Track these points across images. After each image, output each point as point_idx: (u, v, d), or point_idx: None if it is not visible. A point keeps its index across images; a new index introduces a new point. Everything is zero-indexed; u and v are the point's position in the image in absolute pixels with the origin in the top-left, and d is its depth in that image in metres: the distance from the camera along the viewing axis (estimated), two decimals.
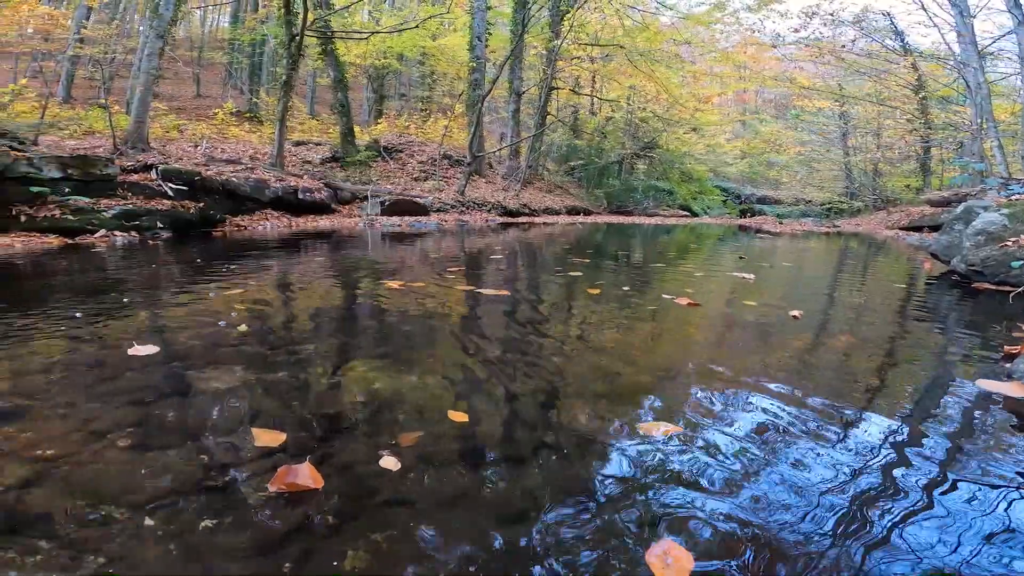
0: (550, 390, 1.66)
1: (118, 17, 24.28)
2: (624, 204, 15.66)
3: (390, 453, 1.20)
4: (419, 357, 1.96)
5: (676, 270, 4.72)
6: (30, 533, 0.92)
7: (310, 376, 1.73)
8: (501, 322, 2.55)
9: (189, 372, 1.70)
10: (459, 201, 10.12)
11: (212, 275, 3.57)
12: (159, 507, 0.99)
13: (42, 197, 5.01)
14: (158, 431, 1.30)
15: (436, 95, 23.41)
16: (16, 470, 1.08)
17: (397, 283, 3.34)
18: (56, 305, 2.55)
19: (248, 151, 12.13)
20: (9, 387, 1.52)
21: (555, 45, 13.62)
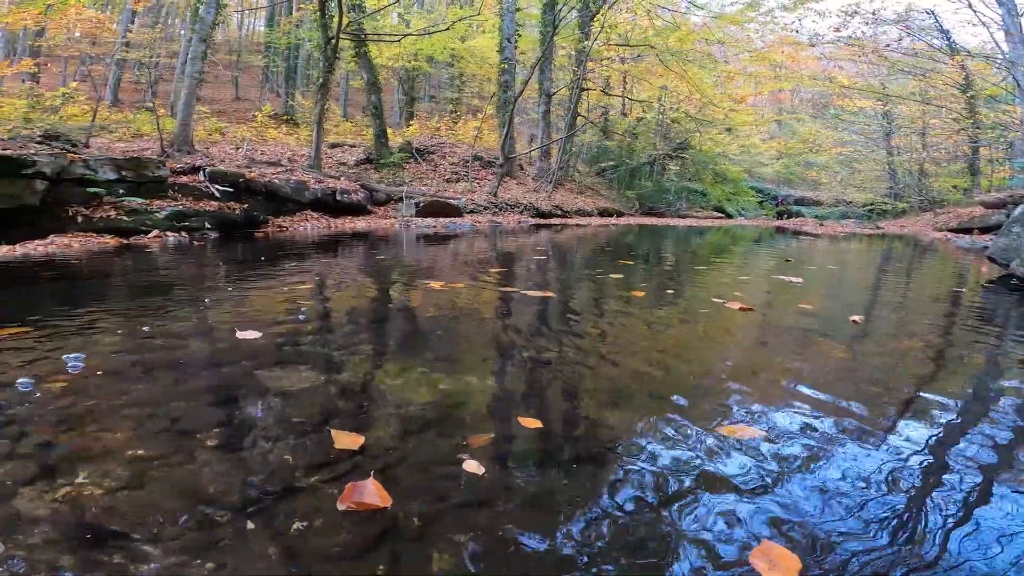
0: (615, 391, 1.64)
1: (161, 21, 25.18)
2: (656, 206, 15.46)
3: (471, 457, 1.21)
4: (476, 359, 1.98)
5: (719, 273, 4.64)
6: (139, 538, 0.93)
7: (375, 376, 1.75)
8: (550, 324, 2.55)
9: (259, 372, 1.74)
10: (491, 202, 10.15)
11: (266, 274, 3.66)
12: (257, 510, 1.01)
13: (98, 198, 5.22)
14: (241, 430, 1.34)
15: (465, 96, 23.58)
16: (118, 471, 1.12)
17: (438, 284, 3.37)
18: (147, 303, 2.65)
19: (286, 153, 12.42)
20: (97, 389, 1.58)
21: (585, 46, 13.55)
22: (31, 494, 1.02)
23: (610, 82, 18.87)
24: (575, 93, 14.06)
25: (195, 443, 1.25)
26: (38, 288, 3.08)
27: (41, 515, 0.96)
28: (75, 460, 1.15)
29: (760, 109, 25.99)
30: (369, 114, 14.37)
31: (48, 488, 1.04)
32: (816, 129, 23.02)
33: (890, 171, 17.44)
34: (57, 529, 0.93)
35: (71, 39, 19.82)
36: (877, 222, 15.00)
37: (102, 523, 0.95)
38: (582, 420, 1.46)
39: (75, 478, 1.08)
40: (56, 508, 0.98)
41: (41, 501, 1.00)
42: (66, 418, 1.33)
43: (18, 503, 0.99)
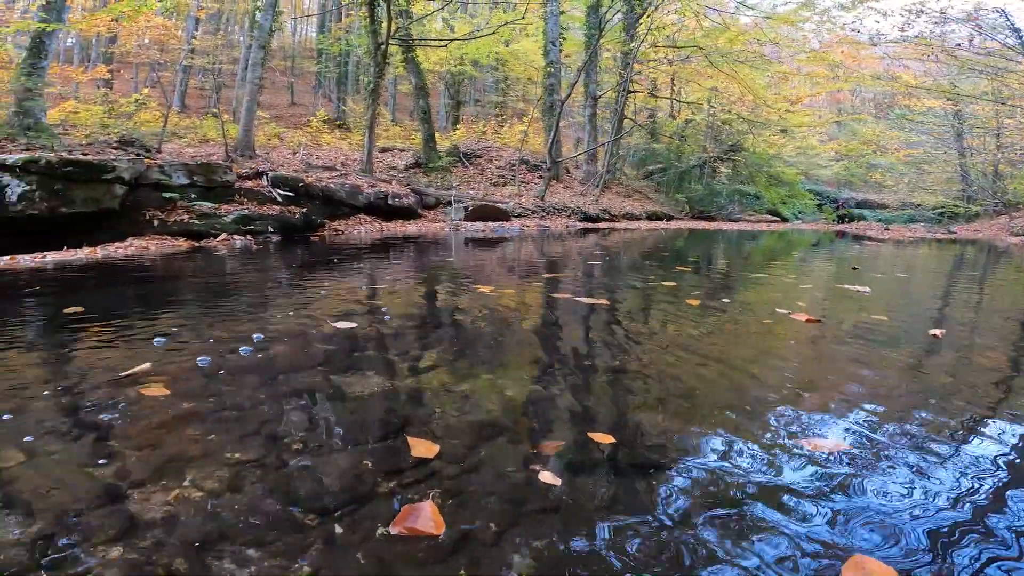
0: (683, 402, 1.60)
1: (222, 28, 26.46)
2: (707, 209, 15.07)
3: (544, 467, 1.21)
4: (538, 366, 1.98)
5: (778, 280, 4.47)
6: (241, 540, 0.96)
7: (442, 382, 1.77)
8: (607, 332, 2.52)
9: (333, 376, 1.79)
10: (539, 206, 10.14)
11: (329, 277, 3.78)
12: (343, 514, 1.04)
13: (171, 202, 5.53)
14: (321, 435, 1.38)
15: (510, 99, 23.72)
16: (218, 474, 1.17)
17: (490, 288, 3.38)
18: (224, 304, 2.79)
19: (340, 157, 12.81)
20: (189, 391, 1.66)
21: (631, 48, 13.38)
22: (141, 497, 1.07)
23: (657, 84, 18.55)
24: (621, 96, 13.89)
25: (282, 447, 1.29)
26: (126, 289, 3.28)
27: (153, 518, 1.01)
28: (179, 462, 1.21)
29: (818, 110, 24.96)
30: (418, 118, 14.65)
31: (157, 490, 1.10)
32: (880, 130, 21.90)
33: (962, 173, 16.42)
34: (169, 532, 0.98)
35: (141, 46, 21.14)
36: (948, 226, 14.14)
37: (208, 526, 1.00)
38: (651, 431, 1.43)
39: (181, 481, 1.13)
40: (166, 511, 1.04)
41: (151, 504, 1.05)
42: (166, 420, 1.40)
43: (131, 506, 1.04)
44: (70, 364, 1.87)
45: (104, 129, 11.39)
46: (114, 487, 1.09)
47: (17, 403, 1.49)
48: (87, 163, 4.90)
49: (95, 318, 2.49)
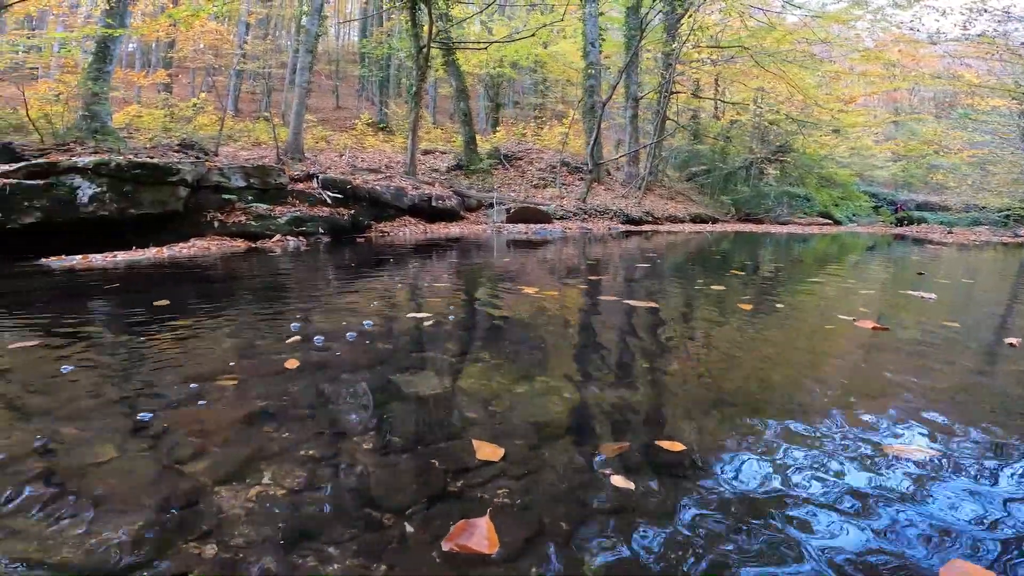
0: (747, 408, 1.55)
1: (270, 33, 27.40)
2: (754, 211, 14.63)
3: (614, 471, 1.21)
4: (594, 369, 1.97)
5: (835, 285, 4.29)
6: (323, 539, 0.99)
7: (500, 383, 1.79)
8: (660, 335, 2.48)
9: (393, 376, 1.82)
10: (581, 208, 10.08)
11: (381, 277, 3.85)
12: (413, 513, 1.06)
13: (230, 204, 5.75)
14: (388, 434, 1.40)
15: (549, 101, 23.68)
16: (296, 472, 1.21)
17: (536, 290, 3.37)
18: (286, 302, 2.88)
19: (383, 160, 13.07)
20: (260, 388, 1.72)
21: (673, 49, 13.13)
22: (227, 493, 1.11)
23: (700, 85, 18.15)
24: (664, 97, 13.66)
25: (352, 445, 1.33)
26: (199, 286, 3.44)
27: (239, 515, 1.05)
28: (257, 460, 1.25)
29: (872, 109, 23.89)
30: (458, 121, 14.79)
31: (241, 487, 1.14)
32: (941, 129, 20.79)
33: None
34: (256, 529, 1.01)
35: (197, 51, 22.12)
36: (1015, 229, 13.29)
37: (291, 523, 1.03)
38: (720, 436, 1.39)
39: (261, 478, 1.17)
40: (251, 508, 1.07)
41: (237, 500, 1.09)
42: (242, 418, 1.45)
43: (219, 502, 1.09)
44: (153, 361, 1.96)
45: (166, 133, 11.98)
46: (201, 484, 1.14)
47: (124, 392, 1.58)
48: (154, 166, 5.16)
49: (180, 311, 2.64)
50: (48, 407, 1.48)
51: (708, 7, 14.32)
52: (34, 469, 1.13)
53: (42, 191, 4.58)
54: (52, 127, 9.06)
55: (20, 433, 1.30)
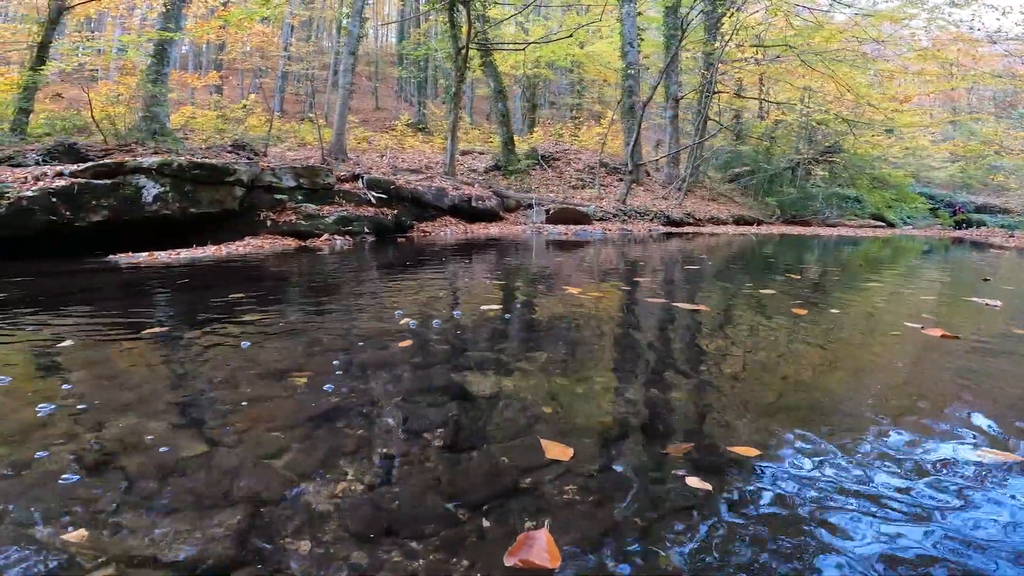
0: (816, 409, 1.50)
1: (312, 35, 28.12)
2: (800, 213, 14.18)
3: (687, 472, 1.21)
4: (650, 369, 1.97)
5: (895, 291, 4.12)
6: (404, 534, 1.02)
7: (560, 384, 1.80)
8: (715, 338, 2.44)
9: (454, 374, 1.86)
10: (620, 210, 9.99)
11: (428, 276, 3.91)
12: (490, 509, 1.09)
13: (281, 204, 5.94)
14: (458, 431, 1.43)
15: (586, 101, 23.54)
16: (375, 469, 1.24)
17: (583, 291, 3.36)
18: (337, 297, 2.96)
19: (423, 160, 13.25)
20: (331, 385, 1.78)
21: (715, 49, 12.86)
22: (313, 489, 1.16)
23: (743, 84, 17.71)
24: (705, 97, 13.39)
25: (424, 442, 1.37)
26: (257, 284, 3.58)
27: (326, 510, 1.09)
28: (336, 455, 1.29)
29: (929, 109, 22.83)
30: (496, 121, 14.87)
31: (325, 483, 1.18)
32: (1001, 129, 19.70)
33: None
34: (343, 525, 1.05)
35: (245, 53, 22.91)
36: None
37: (375, 519, 1.06)
38: (794, 445, 1.36)
39: (344, 474, 1.21)
40: (337, 504, 1.11)
41: (322, 496, 1.13)
42: (318, 415, 1.50)
43: (307, 497, 1.13)
44: (227, 354, 2.04)
45: (219, 134, 12.46)
46: (288, 479, 1.18)
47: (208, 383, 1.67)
48: (212, 166, 5.38)
49: (248, 307, 2.75)
50: (137, 401, 1.56)
51: (751, 7, 13.98)
52: (134, 464, 1.19)
53: (109, 190, 4.83)
54: (114, 128, 9.54)
55: (115, 428, 1.37)
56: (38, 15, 10.88)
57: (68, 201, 4.58)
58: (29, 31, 11.45)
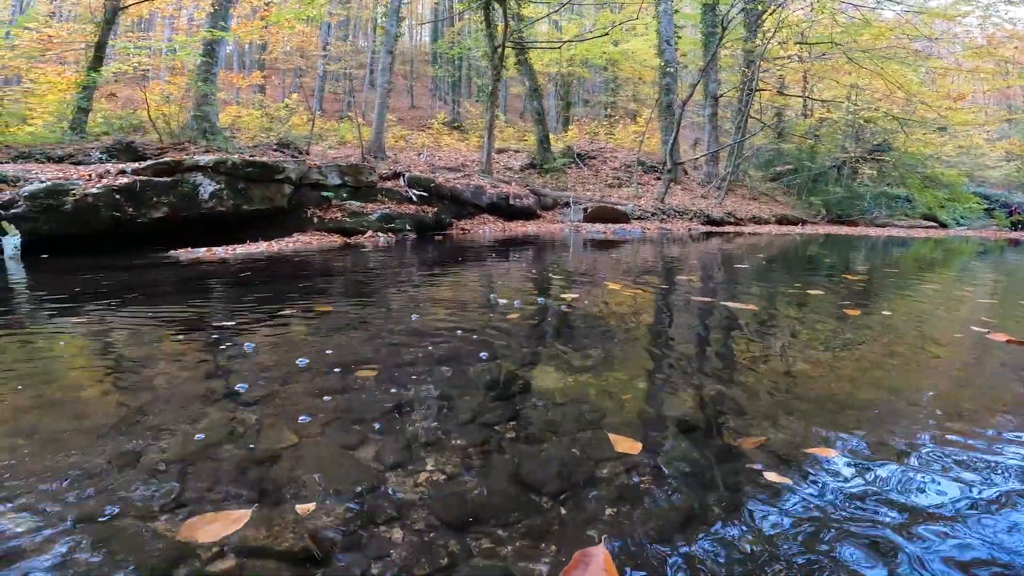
0: (885, 409, 1.47)
1: (350, 34, 28.61)
2: (847, 213, 13.73)
3: (765, 466, 1.21)
4: (704, 367, 1.98)
5: (952, 294, 3.96)
6: (490, 523, 1.04)
7: (621, 379, 1.83)
8: (768, 337, 2.41)
9: (517, 369, 1.89)
10: (659, 208, 9.86)
11: (473, 272, 3.96)
12: (568, 497, 1.12)
13: (327, 201, 6.09)
14: (527, 424, 1.46)
15: (620, 100, 23.29)
16: (454, 459, 1.27)
17: (632, 290, 3.34)
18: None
19: (459, 159, 13.36)
20: (399, 379, 1.82)
21: (756, 46, 12.54)
22: (396, 480, 1.19)
23: (786, 82, 17.22)
24: (746, 95, 13.08)
25: (497, 435, 1.40)
26: (313, 280, 3.69)
27: (412, 499, 1.12)
28: (415, 447, 1.33)
29: (983, 107, 21.77)
30: (531, 120, 14.86)
31: (408, 474, 1.21)
32: None
33: None
34: (432, 513, 1.08)
35: (286, 52, 23.49)
36: None
37: (460, 508, 1.09)
38: (863, 444, 1.33)
39: (425, 465, 1.25)
40: (421, 493, 1.14)
41: (406, 487, 1.17)
42: (391, 407, 1.54)
43: (392, 487, 1.16)
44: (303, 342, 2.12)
45: (264, 132, 12.83)
46: (374, 470, 1.22)
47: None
48: (263, 164, 5.55)
49: (314, 297, 2.85)
50: (228, 392, 1.63)
51: (793, 4, 13.58)
52: (235, 455, 1.24)
53: (168, 188, 5.04)
54: (168, 127, 9.93)
55: (209, 419, 1.44)
56: (92, 15, 11.39)
57: (131, 198, 4.80)
58: (84, 31, 12.01)
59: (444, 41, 23.10)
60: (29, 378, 1.74)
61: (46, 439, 1.31)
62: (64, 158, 7.25)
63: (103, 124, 10.26)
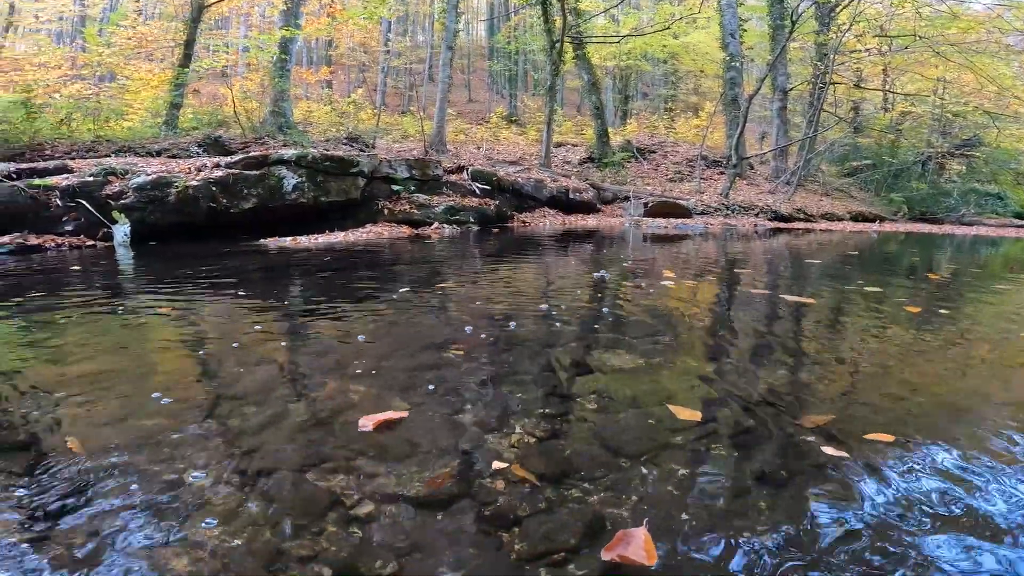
0: (950, 406, 1.47)
1: (408, 30, 29.24)
2: (931, 211, 12.87)
3: (822, 440, 1.27)
4: (771, 354, 2.07)
5: None
6: (578, 477, 1.19)
7: (688, 363, 1.95)
8: (841, 331, 2.41)
9: (590, 351, 2.02)
10: (723, 204, 9.64)
11: (537, 264, 4.09)
12: (649, 459, 1.26)
13: (396, 194, 6.38)
14: (601, 398, 1.60)
15: (681, 93, 22.68)
16: (543, 424, 1.41)
17: (693, 282, 3.36)
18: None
19: (517, 152, 13.50)
20: (487, 357, 1.97)
21: (828, 39, 11.90)
22: (494, 441, 1.34)
23: (863, 75, 16.24)
24: (818, 88, 12.47)
25: (578, 405, 1.55)
26: (392, 268, 3.94)
27: (510, 457, 1.26)
28: (506, 416, 1.47)
29: None
30: (590, 114, 14.78)
31: (503, 436, 1.36)
32: None
33: None
34: (527, 468, 1.21)
35: (350, 49, 24.32)
36: None
37: (551, 464, 1.23)
38: (927, 437, 1.35)
39: (513, 430, 1.39)
40: (516, 452, 1.28)
41: (503, 446, 1.31)
42: (481, 381, 1.69)
43: (492, 447, 1.31)
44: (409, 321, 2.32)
45: (334, 127, 13.43)
46: (475, 434, 1.37)
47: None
48: (340, 158, 5.90)
49: (396, 282, 3.09)
50: (336, 367, 1.82)
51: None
52: (355, 421, 1.40)
53: (257, 181, 5.44)
54: (250, 122, 10.59)
55: (327, 389, 1.62)
56: (177, 14, 12.21)
57: (225, 190, 5.23)
58: (174, 29, 12.87)
59: (500, 36, 23.25)
60: (176, 351, 2.03)
61: (208, 404, 1.56)
62: (160, 152, 7.90)
63: (192, 119, 11.01)
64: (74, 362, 1.84)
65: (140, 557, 0.89)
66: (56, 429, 1.35)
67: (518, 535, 0.99)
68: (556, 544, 0.96)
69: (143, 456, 1.20)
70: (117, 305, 2.68)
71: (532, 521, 1.03)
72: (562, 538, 0.98)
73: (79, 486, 1.09)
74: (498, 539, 0.98)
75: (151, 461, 1.18)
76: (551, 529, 1.00)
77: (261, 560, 0.90)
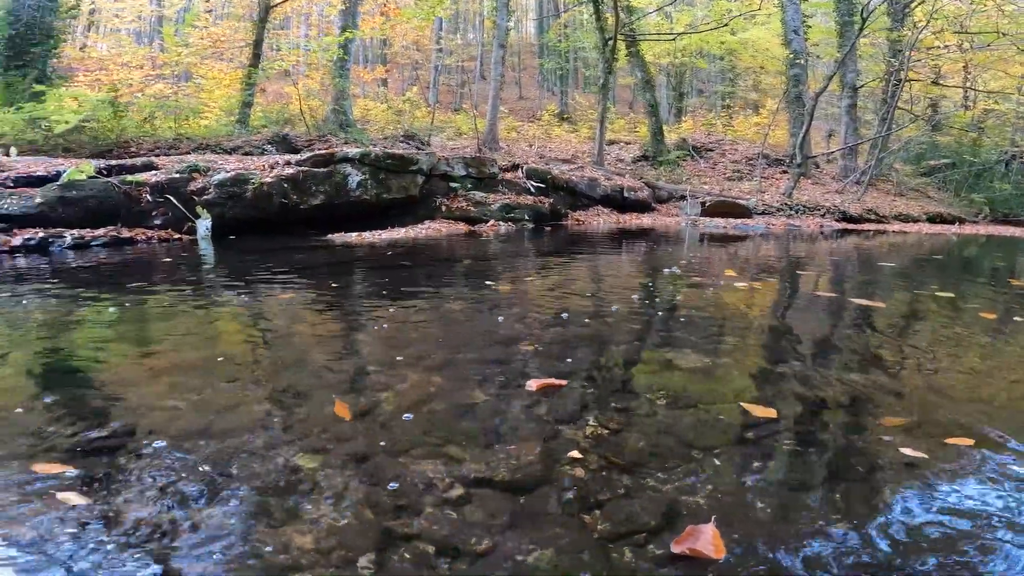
0: None
1: (459, 29, 29.53)
2: (1015, 213, 11.95)
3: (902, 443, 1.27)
4: (840, 356, 2.08)
5: None
6: (652, 466, 1.24)
7: (756, 363, 1.99)
8: (916, 336, 2.31)
9: (657, 350, 2.05)
10: (785, 204, 9.29)
11: (599, 262, 4.11)
12: (723, 452, 1.31)
13: (453, 191, 6.53)
14: (679, 396, 1.64)
15: (739, 90, 21.92)
16: (614, 417, 1.47)
17: (757, 283, 3.29)
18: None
19: (569, 150, 13.46)
20: (561, 350, 2.04)
21: (902, 36, 11.22)
22: (570, 432, 1.40)
23: (941, 72, 15.22)
24: (892, 85, 11.79)
25: (648, 400, 1.59)
26: (450, 263, 4.08)
27: (587, 446, 1.32)
28: (580, 410, 1.52)
29: None
30: (644, 111, 14.53)
31: (578, 427, 1.41)
32: None
33: None
34: (602, 457, 1.27)
35: (404, 47, 24.83)
36: None
37: (626, 455, 1.28)
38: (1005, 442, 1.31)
39: (590, 421, 1.44)
40: (592, 443, 1.34)
41: (579, 437, 1.37)
42: (551, 375, 1.76)
43: (569, 436, 1.37)
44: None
45: (391, 125, 13.82)
46: (549, 422, 1.44)
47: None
48: (401, 156, 6.10)
49: (459, 278, 3.21)
50: (416, 358, 1.93)
51: None
52: (441, 408, 1.50)
53: (324, 178, 5.70)
54: (313, 120, 11.05)
55: (411, 381, 1.72)
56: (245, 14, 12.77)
57: (295, 187, 5.51)
58: (244, 28, 13.48)
59: (551, 33, 23.15)
60: (278, 338, 2.21)
61: (305, 392, 1.70)
62: (235, 149, 8.38)
63: (262, 118, 11.58)
64: (182, 349, 2.03)
65: (266, 535, 0.98)
66: (176, 414, 1.51)
67: (599, 517, 1.05)
68: (637, 525, 1.02)
69: (259, 441, 1.31)
70: (221, 294, 2.92)
71: (611, 505, 1.08)
72: (643, 520, 1.03)
73: (201, 468, 1.23)
74: (580, 520, 1.04)
75: (266, 447, 1.28)
76: (631, 512, 1.06)
77: (371, 539, 0.97)
